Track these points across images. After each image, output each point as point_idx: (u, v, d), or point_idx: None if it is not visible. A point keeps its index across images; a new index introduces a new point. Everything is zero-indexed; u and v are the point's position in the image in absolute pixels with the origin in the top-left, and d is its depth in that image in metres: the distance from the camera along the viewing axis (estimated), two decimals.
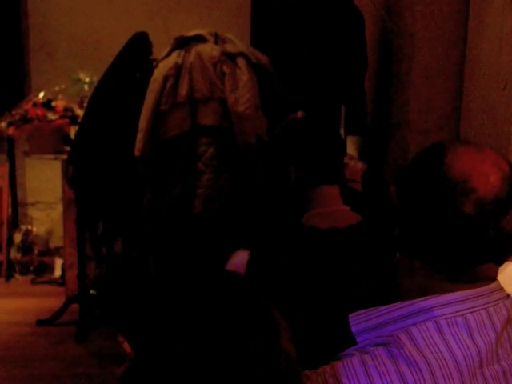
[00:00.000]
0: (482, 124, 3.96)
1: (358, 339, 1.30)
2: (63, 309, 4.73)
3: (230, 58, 3.99)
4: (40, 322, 4.67)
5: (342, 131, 4.57)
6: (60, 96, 4.74)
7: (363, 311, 1.31)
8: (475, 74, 4.07)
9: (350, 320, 1.31)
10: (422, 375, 1.19)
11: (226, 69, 3.94)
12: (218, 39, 4.08)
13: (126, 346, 1.79)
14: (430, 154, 1.30)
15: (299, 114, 3.36)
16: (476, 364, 1.23)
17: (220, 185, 3.84)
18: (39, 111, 4.54)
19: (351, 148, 4.79)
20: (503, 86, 3.59)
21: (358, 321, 1.30)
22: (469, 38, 4.16)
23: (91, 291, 4.73)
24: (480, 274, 1.28)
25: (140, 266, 4.09)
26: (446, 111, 4.41)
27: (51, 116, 4.56)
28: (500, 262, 1.30)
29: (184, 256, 3.76)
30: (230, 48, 4.04)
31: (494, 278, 1.31)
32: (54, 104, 4.63)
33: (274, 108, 4.11)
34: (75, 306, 4.64)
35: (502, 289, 1.32)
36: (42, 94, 4.68)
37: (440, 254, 1.26)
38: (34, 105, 4.58)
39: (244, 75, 3.95)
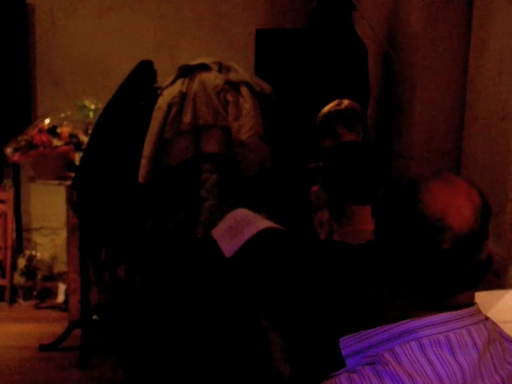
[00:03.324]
0: (483, 153, 3.99)
1: (347, 362, 1.35)
2: (66, 334, 4.74)
3: (234, 86, 4.04)
4: (42, 347, 4.68)
5: None
6: (65, 123, 4.78)
7: (351, 335, 1.36)
8: (476, 103, 4.11)
9: (340, 343, 1.37)
10: None
11: (229, 97, 3.99)
12: (221, 68, 4.14)
13: None
14: (405, 192, 1.36)
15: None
16: (460, 381, 1.28)
17: (222, 211, 3.88)
18: (44, 137, 4.58)
19: None
20: (502, 116, 3.63)
21: (347, 344, 1.36)
22: (469, 69, 4.21)
23: (94, 317, 4.74)
24: (458, 302, 1.34)
25: (142, 290, 4.11)
26: (447, 140, 4.44)
27: (56, 142, 4.61)
28: (476, 288, 1.37)
29: (186, 280, 3.78)
30: (233, 77, 4.09)
31: (471, 304, 1.37)
32: (59, 130, 4.67)
33: (277, 136, 4.15)
34: (78, 332, 4.65)
35: (480, 312, 1.39)
36: (47, 121, 4.73)
37: (420, 287, 1.33)
38: (40, 131, 4.63)
39: (247, 103, 4.00)
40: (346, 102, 3.68)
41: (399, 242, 1.32)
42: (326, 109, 3.64)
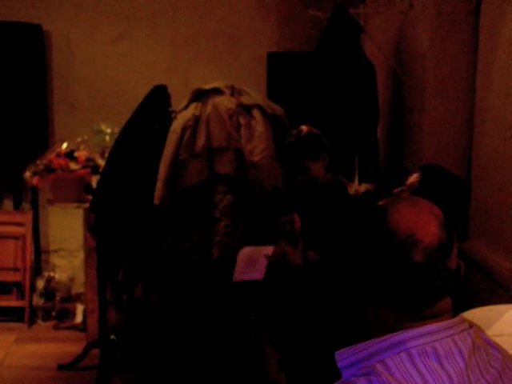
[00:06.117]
0: (492, 172, 4.05)
1: (342, 374, 1.44)
2: (84, 353, 4.81)
3: (246, 109, 4.12)
4: (61, 367, 4.75)
5: (356, 179, 4.68)
6: (82, 147, 4.86)
7: (346, 349, 1.45)
8: (484, 122, 4.17)
9: (335, 357, 1.46)
10: None
11: (241, 120, 4.08)
12: (234, 91, 4.22)
13: None
14: (373, 216, 1.47)
15: None
16: None
17: (236, 232, 3.96)
18: (62, 161, 4.67)
19: None
20: (510, 135, 3.70)
21: (342, 357, 1.45)
22: (477, 88, 4.28)
23: (112, 336, 4.81)
24: (439, 309, 1.44)
25: (160, 310, 4.18)
26: (456, 158, 4.50)
27: (74, 166, 4.69)
28: (451, 295, 1.46)
29: (202, 300, 3.86)
30: (245, 100, 4.17)
31: (450, 311, 1.46)
32: (76, 154, 4.76)
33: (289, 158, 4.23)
34: (96, 351, 4.72)
35: (465, 321, 1.47)
36: (65, 145, 4.82)
37: (401, 300, 1.42)
38: (58, 155, 4.72)
39: (259, 126, 4.08)
40: (303, 129, 3.61)
41: (375, 262, 1.42)
42: (286, 144, 3.61)
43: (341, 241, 1.52)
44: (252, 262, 3.23)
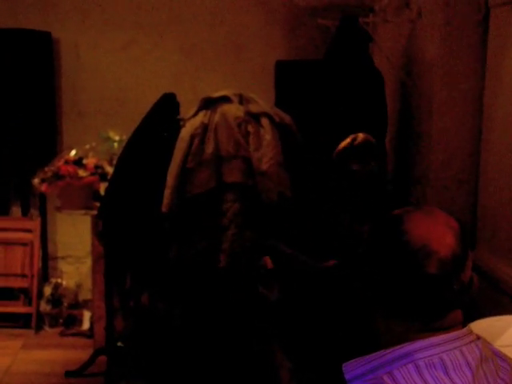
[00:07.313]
0: (499, 181, 4.05)
1: None
2: (91, 360, 4.81)
3: (254, 117, 4.13)
4: (68, 374, 4.75)
5: None
6: (91, 154, 4.88)
7: (353, 360, 1.44)
8: (492, 131, 4.18)
9: (343, 368, 1.45)
10: None
11: (250, 128, 4.08)
12: (242, 100, 4.22)
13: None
14: (389, 224, 1.46)
15: None
16: None
17: (244, 240, 3.96)
18: (71, 168, 4.68)
19: None
20: None
21: (350, 369, 1.44)
22: (485, 97, 4.28)
23: (119, 343, 4.80)
24: (449, 322, 1.43)
25: (166, 317, 4.18)
26: (464, 168, 4.50)
27: (82, 173, 4.71)
28: (463, 307, 1.47)
29: (209, 308, 3.86)
30: (254, 108, 4.17)
31: (461, 323, 1.46)
32: (84, 161, 4.77)
33: (297, 166, 4.23)
34: (103, 358, 4.73)
35: (472, 332, 1.47)
36: (73, 152, 4.83)
37: (412, 311, 1.42)
38: (66, 162, 4.73)
39: (267, 134, 4.08)
40: (360, 137, 3.66)
41: (388, 271, 1.42)
42: (340, 146, 3.64)
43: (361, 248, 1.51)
44: None
